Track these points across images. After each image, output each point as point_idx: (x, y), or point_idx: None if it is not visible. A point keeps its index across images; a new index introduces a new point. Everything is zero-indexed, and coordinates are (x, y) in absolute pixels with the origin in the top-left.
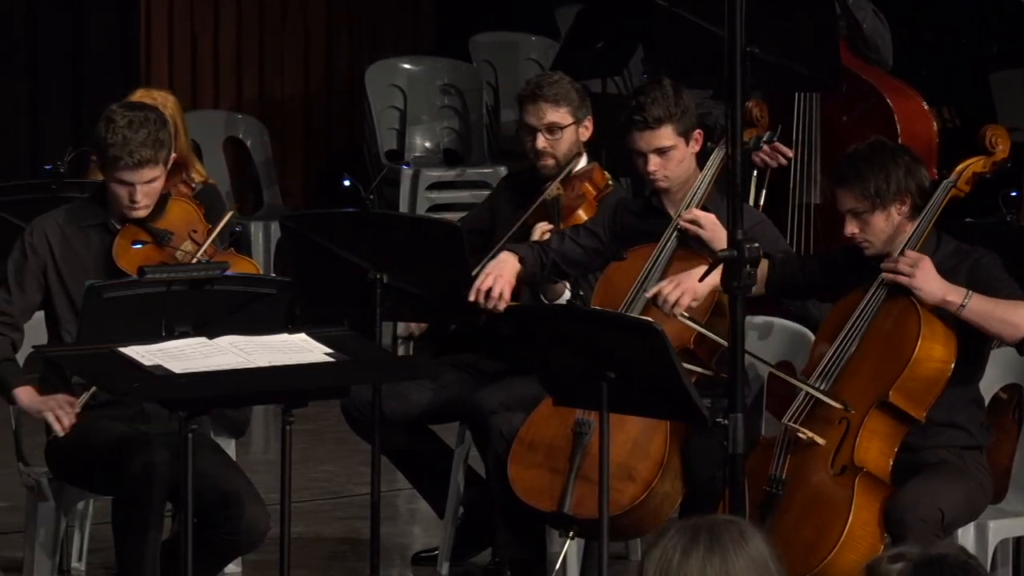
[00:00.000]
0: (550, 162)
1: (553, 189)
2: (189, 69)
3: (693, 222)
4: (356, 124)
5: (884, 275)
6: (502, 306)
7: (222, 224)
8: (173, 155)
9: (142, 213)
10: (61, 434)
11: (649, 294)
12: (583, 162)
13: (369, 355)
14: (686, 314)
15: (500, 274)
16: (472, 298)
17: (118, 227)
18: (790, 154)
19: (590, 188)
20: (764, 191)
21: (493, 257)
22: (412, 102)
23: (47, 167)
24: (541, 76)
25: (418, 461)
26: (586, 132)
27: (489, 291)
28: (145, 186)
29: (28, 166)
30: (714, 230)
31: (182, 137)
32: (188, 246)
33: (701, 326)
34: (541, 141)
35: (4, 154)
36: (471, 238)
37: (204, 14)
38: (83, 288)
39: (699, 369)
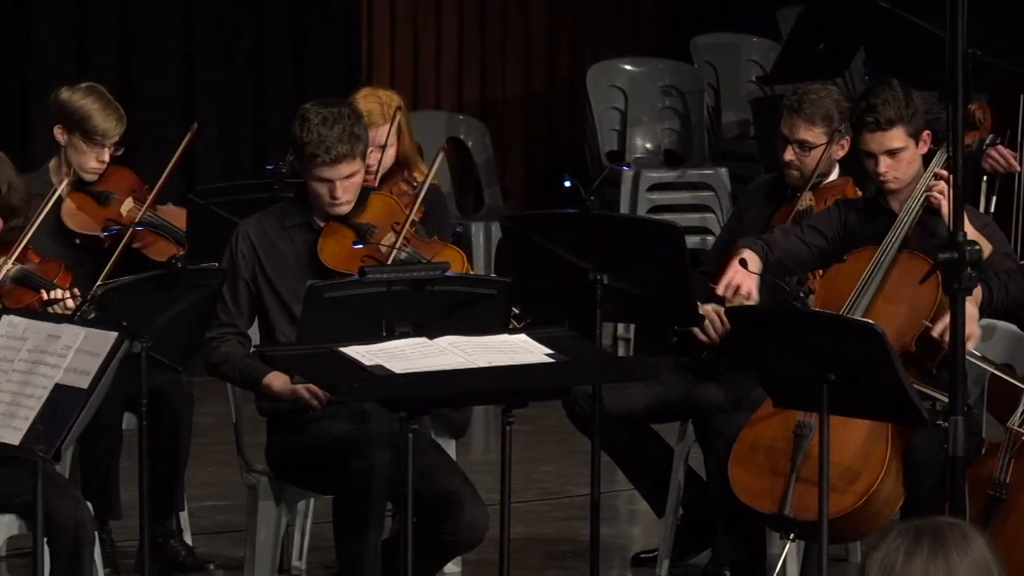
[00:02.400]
0: (795, 174)
1: (806, 200)
2: (411, 70)
3: (941, 191)
4: (577, 125)
5: None
6: (749, 303)
7: (417, 203)
8: (392, 151)
9: (344, 209)
10: (318, 407)
11: (936, 332)
12: (835, 175)
13: (589, 356)
14: (977, 353)
15: (746, 275)
16: (720, 292)
17: (321, 225)
18: (1017, 167)
19: None
20: (995, 197)
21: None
22: (633, 103)
23: (269, 167)
24: (808, 89)
25: (639, 460)
26: (841, 151)
27: (738, 287)
28: (344, 181)
29: (251, 166)
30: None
31: (406, 137)
32: (391, 238)
33: (992, 366)
34: (789, 154)
35: (228, 154)
36: (727, 247)
37: (426, 16)
38: (292, 289)
39: (926, 390)
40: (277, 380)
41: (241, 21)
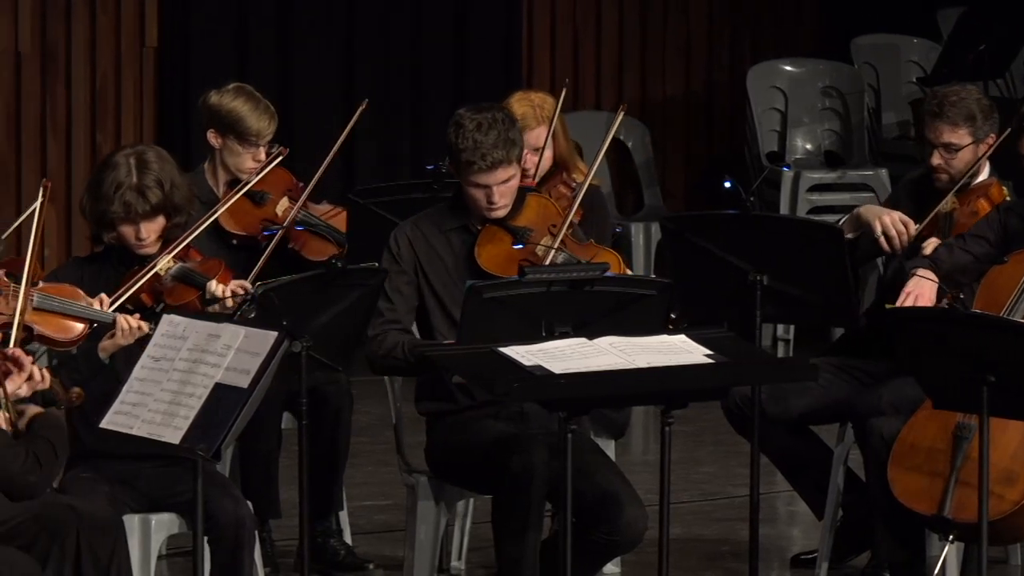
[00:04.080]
0: (943, 177)
1: (949, 204)
2: (571, 71)
3: None
4: (737, 125)
5: None
6: None
7: (574, 206)
8: (548, 153)
9: (501, 213)
10: None
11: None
12: (984, 174)
13: (749, 357)
14: None
15: (921, 293)
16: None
17: (478, 228)
18: None
19: (985, 204)
20: None
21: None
22: (793, 104)
23: (429, 167)
24: (947, 92)
25: (797, 461)
26: (985, 148)
27: (917, 298)
28: (501, 186)
29: (411, 166)
30: None
31: (561, 139)
32: (548, 241)
33: None
34: (936, 158)
35: (388, 155)
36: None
37: (586, 16)
38: (451, 292)
39: None
40: None
41: (400, 21)
